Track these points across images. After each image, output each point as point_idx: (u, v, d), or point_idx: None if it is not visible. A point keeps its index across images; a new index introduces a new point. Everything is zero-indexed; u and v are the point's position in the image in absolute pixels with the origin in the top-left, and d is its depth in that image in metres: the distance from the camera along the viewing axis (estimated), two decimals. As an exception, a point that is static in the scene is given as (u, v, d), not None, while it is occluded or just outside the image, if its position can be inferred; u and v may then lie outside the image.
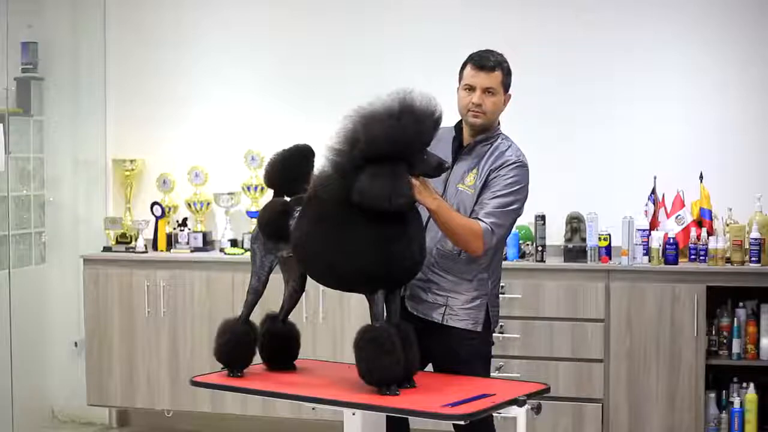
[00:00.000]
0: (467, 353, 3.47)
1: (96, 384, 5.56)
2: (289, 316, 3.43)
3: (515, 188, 3.42)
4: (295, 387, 3.20)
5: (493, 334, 3.62)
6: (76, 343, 5.88)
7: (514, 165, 3.44)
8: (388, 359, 3.04)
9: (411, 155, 3.07)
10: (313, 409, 3.43)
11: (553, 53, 5.29)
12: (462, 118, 3.54)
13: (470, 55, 3.53)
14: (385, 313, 3.11)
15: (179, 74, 5.80)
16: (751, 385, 4.79)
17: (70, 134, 5.95)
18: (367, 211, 3.01)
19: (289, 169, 3.37)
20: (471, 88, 3.47)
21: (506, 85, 3.50)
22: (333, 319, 5.16)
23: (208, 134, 5.83)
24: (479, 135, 3.51)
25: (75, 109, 5.95)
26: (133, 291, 5.48)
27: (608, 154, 5.29)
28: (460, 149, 3.53)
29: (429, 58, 5.39)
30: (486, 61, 3.47)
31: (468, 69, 3.50)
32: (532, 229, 5.09)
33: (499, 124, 3.55)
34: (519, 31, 5.32)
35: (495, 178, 3.43)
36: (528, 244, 5.12)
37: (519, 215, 3.52)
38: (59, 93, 5.91)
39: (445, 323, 3.46)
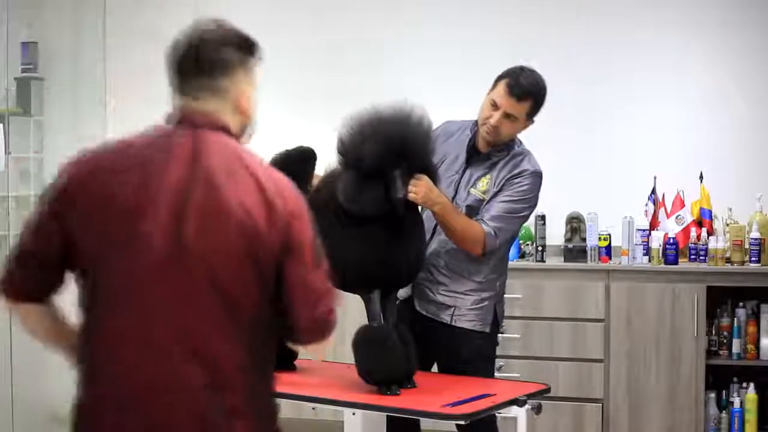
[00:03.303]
0: (474, 354, 3.47)
1: (96, 384, 5.55)
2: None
3: (527, 196, 3.43)
4: (295, 387, 3.20)
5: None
6: (76, 343, 5.88)
7: (530, 173, 3.43)
8: (388, 359, 3.05)
9: (373, 172, 3.05)
10: (313, 409, 3.44)
11: (552, 53, 5.27)
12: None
13: (510, 71, 3.39)
14: (381, 314, 3.12)
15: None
16: (751, 385, 4.79)
17: (70, 134, 5.95)
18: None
19: (291, 169, 3.36)
20: (495, 106, 3.37)
21: (532, 114, 3.41)
22: (333, 319, 5.15)
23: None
24: (495, 145, 3.47)
25: (75, 109, 5.95)
26: (133, 291, 5.46)
27: (608, 154, 5.29)
28: (474, 151, 3.50)
29: (429, 58, 5.40)
30: (519, 87, 3.34)
31: (501, 86, 3.37)
32: (532, 229, 5.09)
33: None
34: (519, 31, 5.33)
35: (509, 185, 3.41)
36: (528, 244, 5.12)
37: (526, 221, 3.54)
38: (59, 93, 5.91)
39: (453, 324, 3.46)
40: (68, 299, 2.12)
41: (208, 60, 2.05)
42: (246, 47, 2.11)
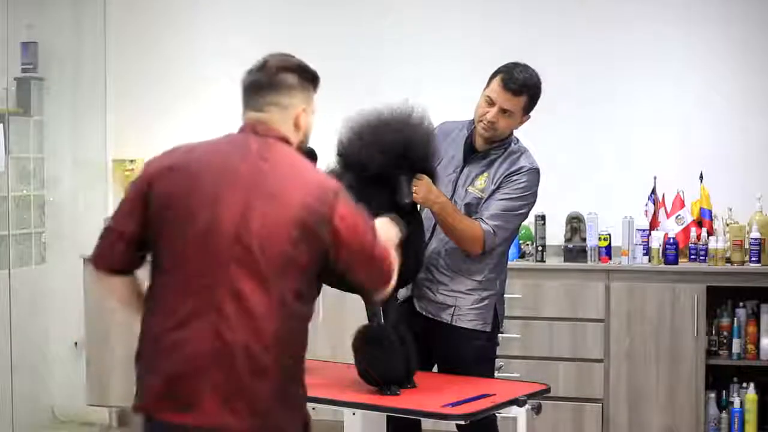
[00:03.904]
0: (475, 354, 3.46)
1: (96, 384, 5.55)
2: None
3: (525, 193, 3.42)
4: (295, 387, 3.20)
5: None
6: (76, 343, 5.88)
7: (528, 170, 3.43)
8: (388, 359, 3.05)
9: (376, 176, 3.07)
10: (314, 409, 3.43)
11: (553, 52, 5.27)
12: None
13: (504, 67, 3.41)
14: (381, 314, 3.12)
15: (180, 74, 5.79)
16: (751, 385, 4.80)
17: (70, 134, 5.95)
18: None
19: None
20: (491, 102, 3.38)
21: (528, 109, 3.42)
22: (333, 319, 5.14)
23: (208, 134, 5.79)
24: (492, 143, 3.48)
25: (75, 109, 5.95)
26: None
27: (608, 154, 5.29)
28: (471, 149, 3.51)
29: (428, 56, 5.40)
30: (514, 82, 3.34)
31: (495, 82, 3.38)
32: (532, 229, 5.08)
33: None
34: (519, 30, 5.32)
35: (507, 183, 3.42)
36: (528, 244, 5.12)
37: (525, 219, 3.53)
38: (59, 93, 5.91)
39: (453, 323, 3.45)
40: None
41: (273, 79, 2.49)
42: (306, 76, 2.52)
